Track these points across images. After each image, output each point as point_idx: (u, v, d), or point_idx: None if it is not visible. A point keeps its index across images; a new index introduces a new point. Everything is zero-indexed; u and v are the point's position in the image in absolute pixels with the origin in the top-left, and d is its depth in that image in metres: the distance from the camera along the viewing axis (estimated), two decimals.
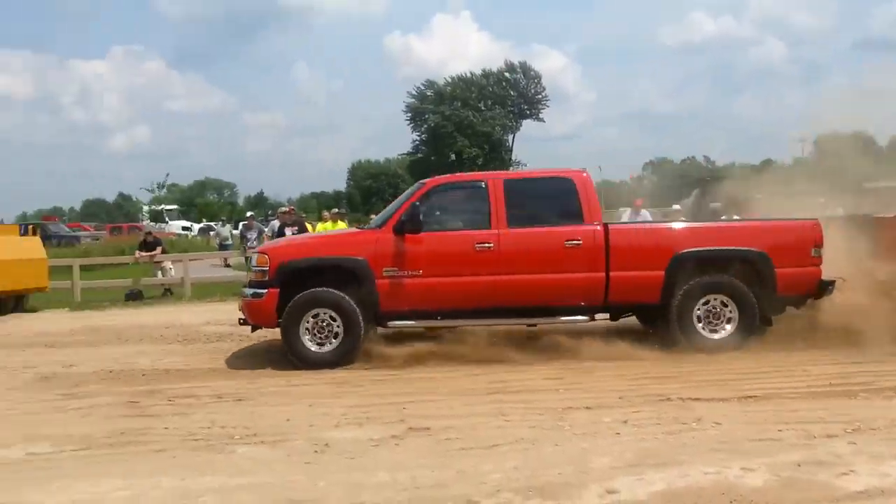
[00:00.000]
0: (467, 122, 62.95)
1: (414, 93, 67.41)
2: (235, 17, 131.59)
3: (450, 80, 67.56)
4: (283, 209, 17.84)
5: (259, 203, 72.91)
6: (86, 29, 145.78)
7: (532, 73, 68.75)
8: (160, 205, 49.00)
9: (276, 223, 15.89)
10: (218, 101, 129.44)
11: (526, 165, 65.54)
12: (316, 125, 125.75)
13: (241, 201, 79.42)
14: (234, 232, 30.31)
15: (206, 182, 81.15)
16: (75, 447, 5.66)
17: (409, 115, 67.13)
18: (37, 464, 5.34)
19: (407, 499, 4.33)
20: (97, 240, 39.35)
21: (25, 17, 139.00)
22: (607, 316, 8.90)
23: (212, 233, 42.62)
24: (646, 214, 15.55)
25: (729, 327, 8.25)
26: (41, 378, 8.30)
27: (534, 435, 5.51)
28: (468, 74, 67.79)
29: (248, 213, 24.61)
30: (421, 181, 9.04)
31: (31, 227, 17.04)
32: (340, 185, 77.55)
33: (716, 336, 8.23)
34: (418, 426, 5.82)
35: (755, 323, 8.22)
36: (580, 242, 8.25)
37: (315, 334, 8.19)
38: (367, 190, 67.73)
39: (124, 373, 8.40)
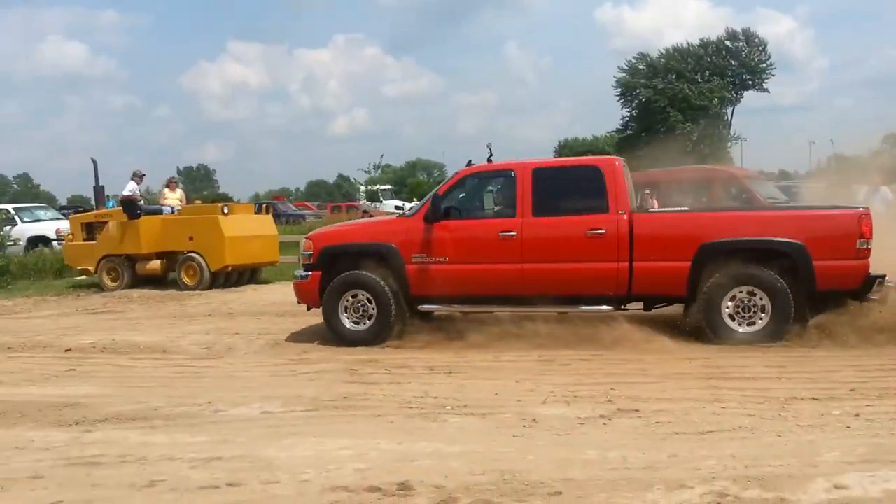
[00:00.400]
0: (682, 96, 59.87)
1: (625, 67, 65.21)
2: (447, 2, 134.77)
3: (664, 52, 64.50)
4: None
5: None
6: (311, 20, 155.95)
7: (756, 40, 63.78)
8: (375, 185, 51.53)
9: None
10: (429, 83, 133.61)
11: (746, 140, 61.61)
12: (525, 103, 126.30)
13: None
14: None
15: (416, 162, 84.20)
16: (304, 408, 6.14)
17: (619, 90, 65.10)
18: (270, 421, 5.85)
19: (616, 478, 4.26)
20: (320, 218, 42.09)
21: (259, 11, 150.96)
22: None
23: None
24: (886, 192, 14.10)
25: (760, 322, 7.67)
26: (273, 344, 9.07)
27: (753, 423, 5.22)
28: (684, 45, 64.28)
29: None
30: (458, 171, 9.12)
31: (264, 206, 18.49)
32: None
33: (744, 330, 7.70)
34: (627, 407, 5.72)
35: (789, 318, 7.57)
36: (603, 232, 8.05)
37: (352, 314, 8.74)
38: None
39: (345, 342, 8.94)
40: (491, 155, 9.23)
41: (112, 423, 5.94)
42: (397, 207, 49.63)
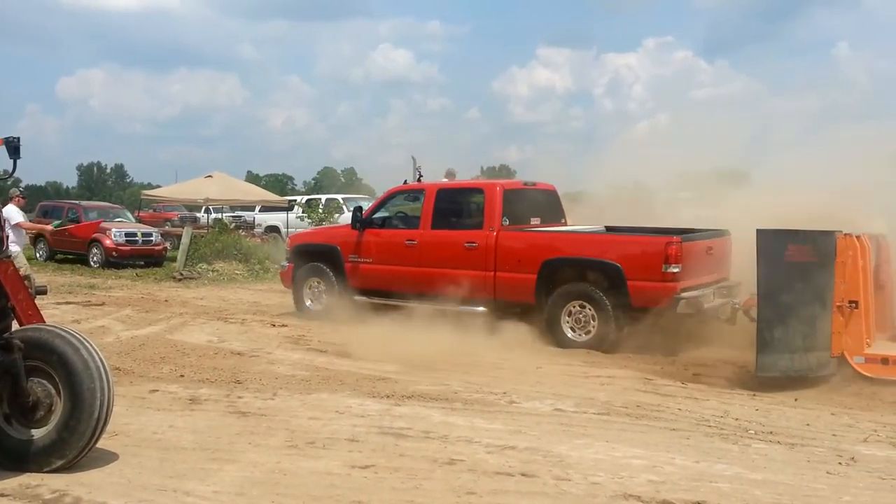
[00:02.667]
0: None
1: None
2: (772, 2, 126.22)
3: None
4: None
5: None
6: (622, 24, 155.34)
7: None
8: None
9: None
10: (743, 87, 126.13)
11: None
12: (854, 111, 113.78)
13: None
14: None
15: (718, 174, 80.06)
16: (596, 411, 6.12)
17: None
18: (562, 419, 5.90)
19: None
20: None
21: (573, 17, 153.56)
22: None
23: None
24: None
25: (591, 331, 8.61)
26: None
27: None
28: None
29: None
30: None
31: None
32: None
33: (578, 338, 8.67)
34: None
35: (612, 328, 8.47)
36: (476, 245, 9.46)
37: (313, 296, 10.94)
38: None
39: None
40: (420, 176, 11.23)
41: (417, 400, 6.39)
42: None
